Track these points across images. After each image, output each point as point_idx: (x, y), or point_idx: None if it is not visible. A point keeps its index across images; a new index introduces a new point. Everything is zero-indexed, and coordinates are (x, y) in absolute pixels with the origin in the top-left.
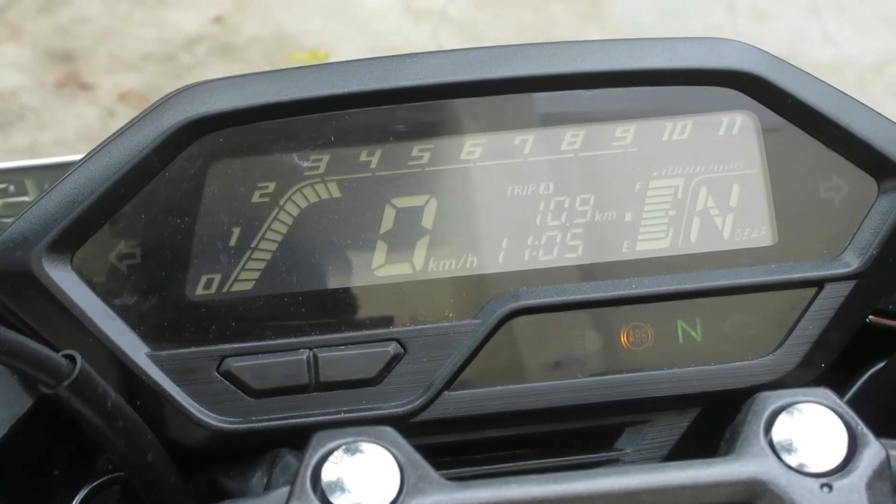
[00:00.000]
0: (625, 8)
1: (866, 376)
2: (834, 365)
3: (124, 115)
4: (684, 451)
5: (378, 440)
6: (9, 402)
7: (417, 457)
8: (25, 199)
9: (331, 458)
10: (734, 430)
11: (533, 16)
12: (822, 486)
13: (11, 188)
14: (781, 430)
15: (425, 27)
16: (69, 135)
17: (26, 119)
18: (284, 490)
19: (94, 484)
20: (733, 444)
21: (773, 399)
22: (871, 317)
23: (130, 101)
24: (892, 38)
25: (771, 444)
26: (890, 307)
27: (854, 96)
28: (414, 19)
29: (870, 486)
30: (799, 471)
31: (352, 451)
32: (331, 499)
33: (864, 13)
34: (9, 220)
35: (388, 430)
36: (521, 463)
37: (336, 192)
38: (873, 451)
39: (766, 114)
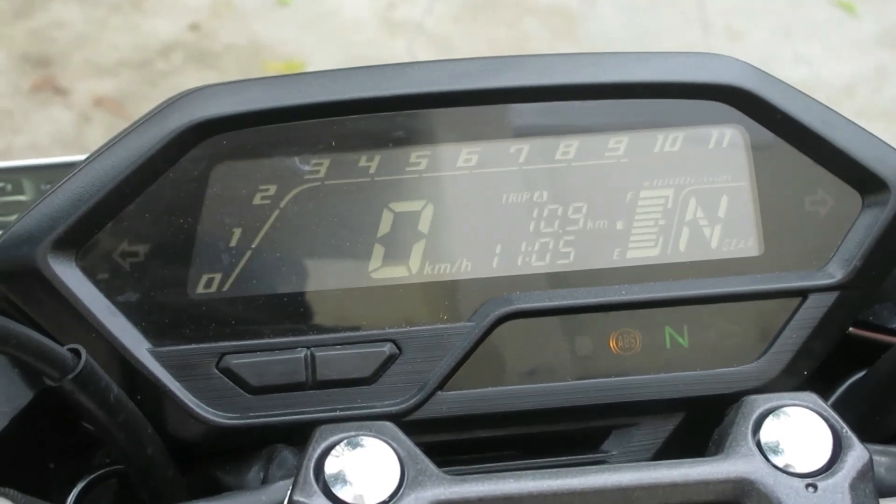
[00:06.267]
0: (598, 25)
1: (846, 385)
2: (814, 374)
3: (99, 121)
4: (668, 454)
5: (379, 435)
6: (9, 395)
7: (417, 451)
8: (22, 198)
9: (333, 452)
10: (722, 431)
11: (507, 31)
12: (808, 486)
13: (9, 187)
14: (769, 432)
15: (401, 40)
16: (43, 139)
17: (0, 123)
18: (285, 483)
19: (92, 477)
20: (722, 445)
21: (761, 402)
22: (851, 328)
23: (105, 106)
24: (862, 60)
25: (758, 445)
26: (871, 319)
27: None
28: (390, 31)
29: (853, 486)
30: (785, 471)
31: (353, 444)
32: (333, 490)
33: (835, 35)
34: (5, 219)
35: (389, 425)
36: (510, 463)
37: (335, 196)
38: (857, 454)
39: (756, 128)
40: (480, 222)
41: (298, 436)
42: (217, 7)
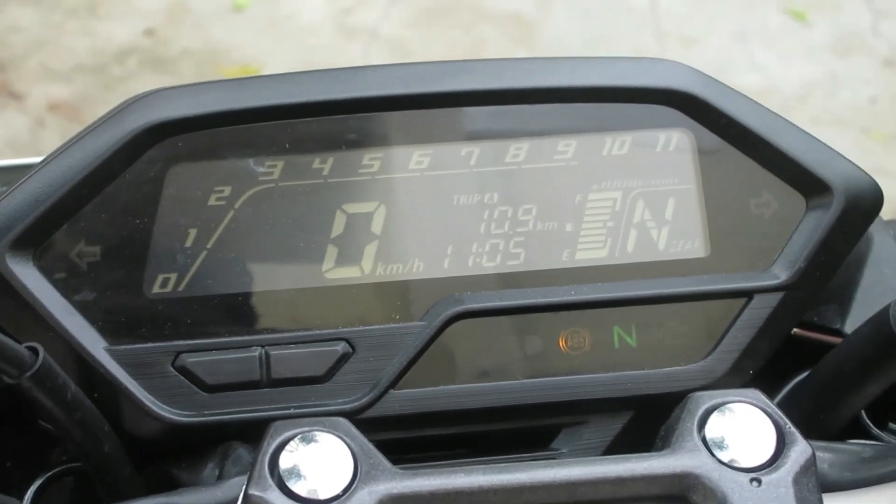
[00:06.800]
0: (554, 31)
1: (791, 385)
2: (760, 374)
3: (54, 125)
4: (617, 452)
5: (332, 430)
6: None
7: (370, 446)
8: None
9: (287, 447)
10: (669, 427)
11: (463, 37)
12: (752, 480)
13: None
14: (714, 428)
15: (357, 45)
16: None
17: None
18: (241, 479)
19: (49, 474)
20: (668, 441)
21: (707, 399)
22: (796, 329)
23: (61, 111)
24: (815, 67)
25: (704, 440)
26: (815, 319)
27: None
28: (346, 37)
29: (796, 480)
30: (730, 466)
31: (307, 440)
32: (288, 484)
33: (789, 42)
34: None
35: (343, 420)
36: (462, 461)
37: (289, 198)
38: (800, 449)
39: (702, 132)
40: (432, 223)
41: (253, 433)
42: (173, 12)
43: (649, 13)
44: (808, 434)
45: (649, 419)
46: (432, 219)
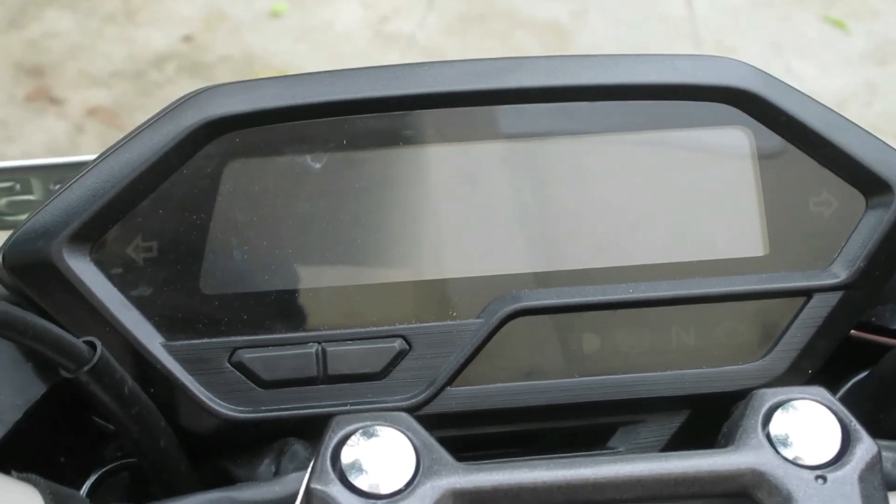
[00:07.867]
0: (590, 39)
1: (849, 385)
2: (817, 374)
3: (93, 131)
4: (673, 451)
5: (394, 424)
6: (23, 388)
7: (432, 441)
8: (31, 197)
9: (349, 441)
10: (732, 424)
11: (500, 45)
12: (817, 477)
13: (17, 187)
14: (778, 425)
15: (393, 53)
16: (37, 149)
17: None
18: (299, 474)
19: (104, 469)
20: (732, 438)
21: (770, 396)
22: (853, 331)
23: (99, 116)
24: (852, 76)
25: (768, 437)
26: (873, 320)
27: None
28: (382, 44)
29: (862, 478)
30: (795, 463)
31: (369, 434)
32: (349, 478)
33: (826, 51)
34: (13, 219)
35: (404, 415)
36: (518, 459)
37: (346, 194)
38: (866, 446)
39: (761, 130)
40: (489, 221)
41: (309, 430)
42: (210, 19)
43: (686, 22)
44: (869, 433)
45: (705, 418)
46: (490, 216)
